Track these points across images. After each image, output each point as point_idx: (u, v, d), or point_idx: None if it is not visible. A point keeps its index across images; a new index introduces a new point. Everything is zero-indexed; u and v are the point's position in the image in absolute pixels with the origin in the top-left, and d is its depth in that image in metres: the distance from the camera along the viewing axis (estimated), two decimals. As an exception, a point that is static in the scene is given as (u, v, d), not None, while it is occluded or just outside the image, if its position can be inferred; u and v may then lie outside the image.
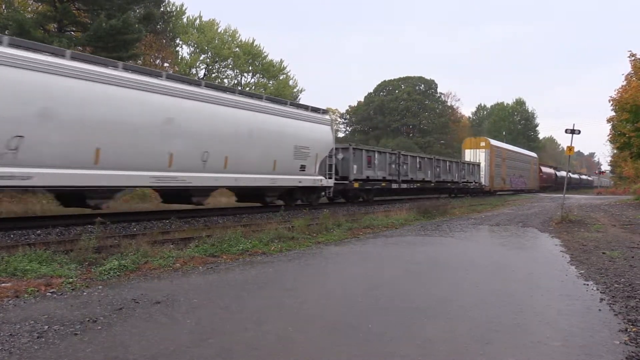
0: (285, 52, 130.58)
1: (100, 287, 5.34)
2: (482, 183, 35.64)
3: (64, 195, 11.02)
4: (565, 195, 21.10)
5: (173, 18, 34.34)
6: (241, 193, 15.48)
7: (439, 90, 67.93)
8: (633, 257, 7.91)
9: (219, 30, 37.33)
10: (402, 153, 24.47)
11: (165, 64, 33.87)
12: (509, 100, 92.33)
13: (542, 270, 6.92)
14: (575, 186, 67.50)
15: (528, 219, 15.35)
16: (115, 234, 8.99)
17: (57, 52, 9.65)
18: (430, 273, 6.86)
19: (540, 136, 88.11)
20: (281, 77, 40.17)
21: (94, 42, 20.54)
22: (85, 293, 5.07)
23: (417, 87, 65.17)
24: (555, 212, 17.98)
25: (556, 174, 60.79)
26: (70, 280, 5.48)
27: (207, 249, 7.61)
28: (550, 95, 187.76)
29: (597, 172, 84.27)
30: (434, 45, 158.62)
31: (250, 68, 38.90)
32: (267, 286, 5.65)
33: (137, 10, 25.08)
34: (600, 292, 5.49)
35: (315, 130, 16.52)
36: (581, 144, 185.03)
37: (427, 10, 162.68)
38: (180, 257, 6.99)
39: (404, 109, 62.27)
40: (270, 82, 39.33)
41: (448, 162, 30.14)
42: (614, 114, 25.98)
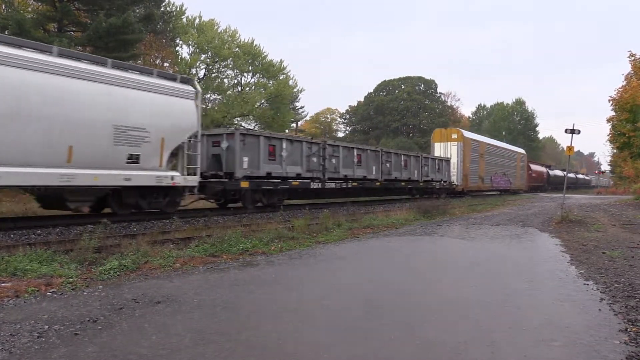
0: (285, 52, 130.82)
1: (100, 286, 5.35)
2: (453, 182, 30.32)
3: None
4: (565, 195, 21.10)
5: (173, 18, 34.35)
6: (42, 196, 11.12)
7: (439, 90, 68.06)
8: (633, 256, 7.91)
9: (219, 30, 37.33)
10: (329, 143, 18.75)
11: (165, 64, 33.90)
12: (509, 100, 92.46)
13: (542, 270, 6.92)
14: (572, 186, 66.53)
15: (528, 219, 15.35)
16: (116, 234, 9.00)
17: None
18: (430, 273, 6.86)
19: (540, 136, 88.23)
20: (281, 77, 40.16)
21: (94, 42, 20.58)
22: (85, 293, 5.07)
23: (417, 87, 65.21)
24: (555, 211, 17.98)
25: (548, 173, 56.27)
26: (71, 280, 5.49)
27: (207, 249, 7.63)
28: (550, 95, 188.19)
29: (596, 172, 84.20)
30: (434, 45, 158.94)
31: (250, 68, 38.90)
32: (267, 286, 5.66)
33: (137, 10, 25.12)
34: (600, 292, 5.49)
35: (161, 105, 11.66)
36: (581, 144, 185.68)
37: (427, 10, 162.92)
38: (181, 257, 7.01)
39: (403, 109, 62.29)
40: (270, 82, 39.34)
41: (403, 156, 24.21)
42: (613, 114, 26.02)
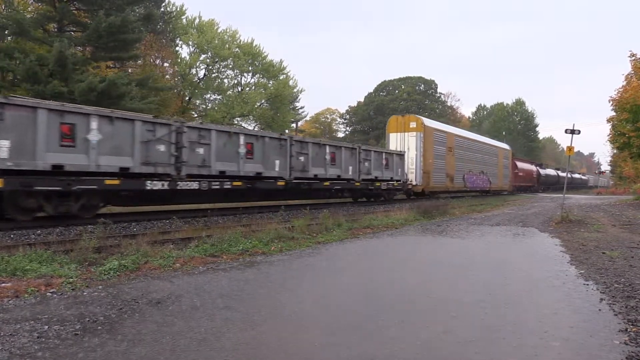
0: (285, 52, 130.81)
1: (100, 287, 5.35)
2: (410, 180, 24.50)
3: None
4: (565, 195, 21.09)
5: (173, 18, 34.36)
6: None
7: (439, 90, 68.16)
8: (633, 257, 7.91)
9: (219, 31, 37.34)
10: (188, 125, 12.54)
11: (165, 64, 33.91)
12: (509, 100, 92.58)
13: (542, 270, 6.92)
14: (567, 186, 65.05)
15: (528, 219, 15.35)
16: (116, 234, 9.00)
17: None
18: (430, 273, 6.85)
19: (540, 136, 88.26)
20: (281, 77, 40.18)
21: (94, 42, 20.58)
22: (85, 293, 5.07)
23: (417, 87, 65.29)
24: (555, 212, 17.99)
25: (539, 172, 51.08)
26: (71, 280, 5.49)
27: (207, 249, 7.63)
28: (550, 95, 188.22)
29: (596, 172, 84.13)
30: (434, 45, 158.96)
31: (250, 68, 38.91)
32: (267, 286, 5.66)
33: (137, 10, 25.12)
34: (600, 292, 5.49)
35: None
36: (581, 144, 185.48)
37: (427, 10, 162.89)
38: (180, 257, 7.00)
39: (404, 109, 62.27)
40: (270, 82, 39.34)
41: (329, 148, 17.74)
42: (614, 114, 26.00)
